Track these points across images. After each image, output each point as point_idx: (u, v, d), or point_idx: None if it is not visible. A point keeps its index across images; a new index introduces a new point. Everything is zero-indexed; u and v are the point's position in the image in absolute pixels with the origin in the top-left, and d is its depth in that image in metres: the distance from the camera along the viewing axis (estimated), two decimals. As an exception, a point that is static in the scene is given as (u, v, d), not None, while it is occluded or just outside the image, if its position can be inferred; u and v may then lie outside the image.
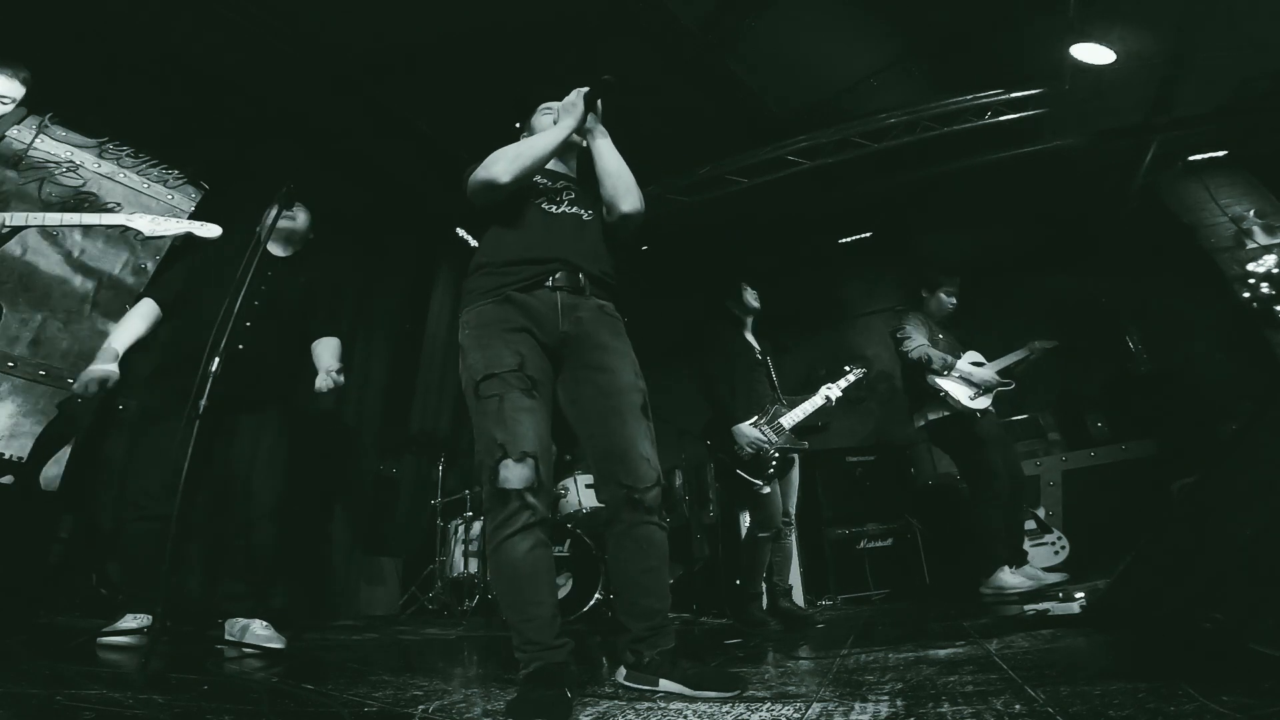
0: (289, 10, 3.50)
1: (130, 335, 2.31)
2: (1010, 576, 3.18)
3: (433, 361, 5.30)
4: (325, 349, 2.49)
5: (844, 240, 6.07)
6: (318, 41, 3.71)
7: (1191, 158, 4.53)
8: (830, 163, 4.74)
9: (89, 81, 3.34)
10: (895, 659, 1.66)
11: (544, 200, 1.70)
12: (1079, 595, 2.06)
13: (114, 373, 2.20)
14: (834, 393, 3.17)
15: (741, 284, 3.36)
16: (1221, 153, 4.47)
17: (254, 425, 2.31)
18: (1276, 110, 3.97)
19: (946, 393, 3.43)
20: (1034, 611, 2.11)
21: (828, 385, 3.19)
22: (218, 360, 1.81)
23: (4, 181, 2.13)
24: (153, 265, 3.56)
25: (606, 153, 1.73)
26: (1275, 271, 4.05)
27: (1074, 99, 4.09)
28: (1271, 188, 4.36)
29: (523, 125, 1.91)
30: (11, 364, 3.01)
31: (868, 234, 5.99)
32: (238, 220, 2.54)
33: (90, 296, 3.34)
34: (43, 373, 3.10)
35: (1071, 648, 1.57)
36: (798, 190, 5.07)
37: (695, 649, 2.33)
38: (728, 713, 1.18)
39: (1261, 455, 1.08)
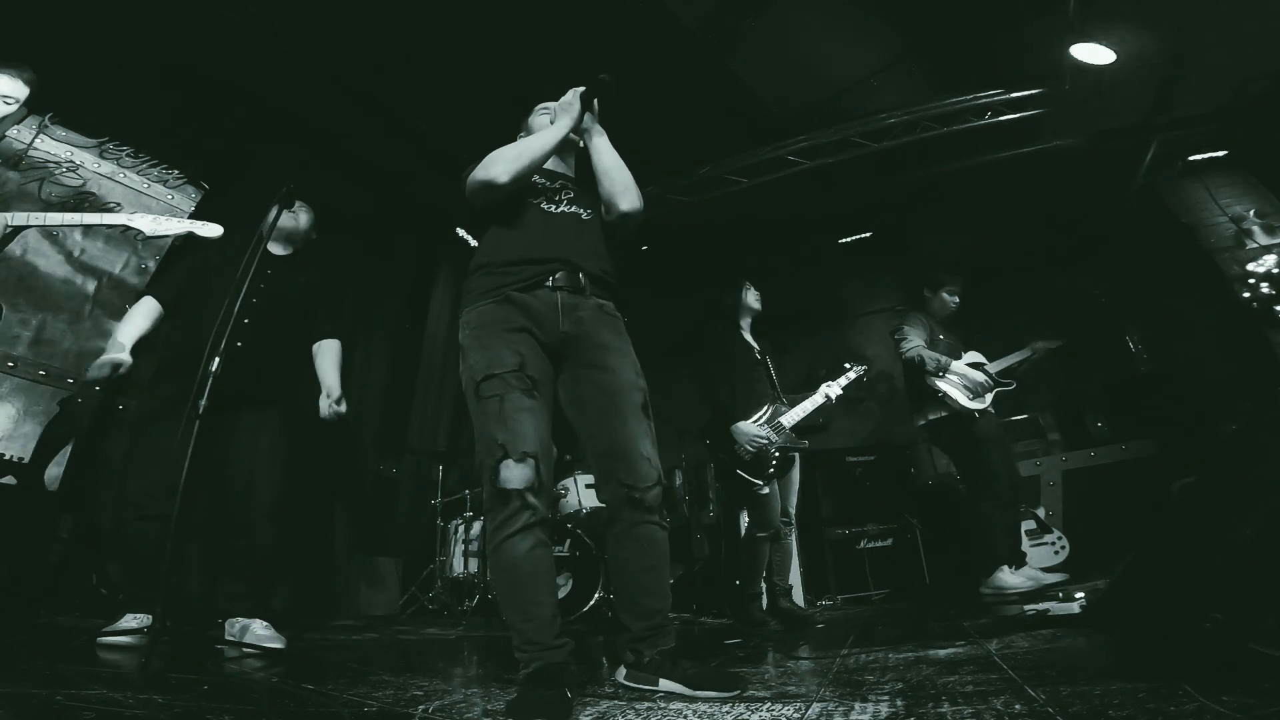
0: (289, 10, 3.50)
1: (135, 331, 2.32)
2: (1010, 576, 3.19)
3: (433, 362, 5.30)
4: (327, 356, 2.50)
5: (844, 240, 6.07)
6: (318, 41, 3.71)
7: (1191, 158, 4.52)
8: (830, 163, 4.74)
9: (89, 81, 3.35)
10: (895, 659, 1.66)
11: (543, 200, 1.70)
12: (1079, 595, 2.06)
13: (126, 359, 2.22)
14: (834, 391, 3.17)
15: (743, 284, 3.36)
16: (1221, 153, 4.47)
17: (253, 424, 2.31)
18: (1276, 110, 3.97)
19: (945, 393, 3.44)
20: (1034, 611, 2.11)
21: (828, 383, 3.19)
22: (218, 360, 1.80)
23: (6, 182, 2.12)
24: (154, 264, 3.57)
25: (604, 151, 1.73)
26: (1275, 271, 4.05)
27: (1074, 99, 4.09)
28: (1271, 188, 4.35)
29: (521, 125, 1.91)
30: (11, 364, 3.01)
31: (868, 234, 5.99)
32: (238, 220, 2.54)
33: (91, 296, 3.34)
34: (43, 373, 3.10)
35: (1071, 648, 1.57)
36: (798, 190, 5.07)
37: (695, 649, 2.33)
38: (728, 713, 1.18)
39: (1261, 455, 1.08)
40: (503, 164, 1.60)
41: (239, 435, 2.28)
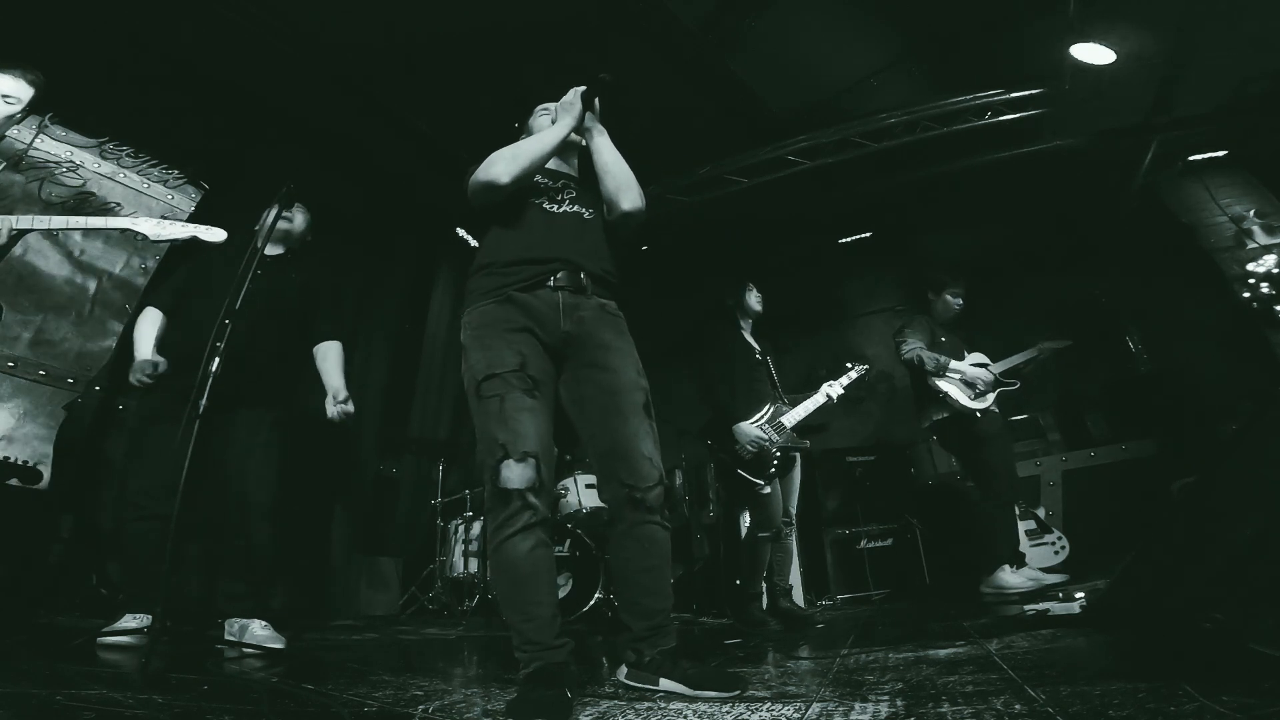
0: (289, 10, 3.50)
1: (150, 342, 2.36)
2: (1011, 576, 3.19)
3: (433, 361, 5.30)
4: (329, 358, 2.50)
5: (844, 240, 6.07)
6: (318, 41, 3.71)
7: (1191, 158, 4.52)
8: (830, 163, 4.74)
9: (89, 81, 3.34)
10: (895, 659, 1.66)
11: (545, 200, 1.70)
12: (1079, 595, 2.06)
13: (159, 359, 2.27)
14: (835, 390, 3.17)
15: (745, 285, 3.36)
16: (1221, 153, 4.47)
17: (251, 424, 2.31)
18: (1276, 110, 3.97)
19: (945, 394, 3.44)
20: (1034, 611, 2.11)
21: (829, 383, 3.19)
22: (218, 360, 1.80)
23: (11, 185, 2.11)
24: (154, 265, 3.56)
25: (605, 150, 1.73)
26: (1275, 271, 4.05)
27: (1074, 99, 4.09)
28: (1271, 188, 4.35)
29: (521, 125, 1.91)
30: (12, 364, 3.01)
31: (868, 234, 5.99)
32: (238, 220, 2.54)
33: (91, 296, 3.34)
34: (43, 373, 3.09)
35: (1071, 648, 1.57)
36: (798, 190, 5.07)
37: (695, 649, 2.33)
38: (728, 713, 1.18)
39: (1261, 455, 1.08)
40: (504, 164, 1.60)
41: (237, 435, 2.28)
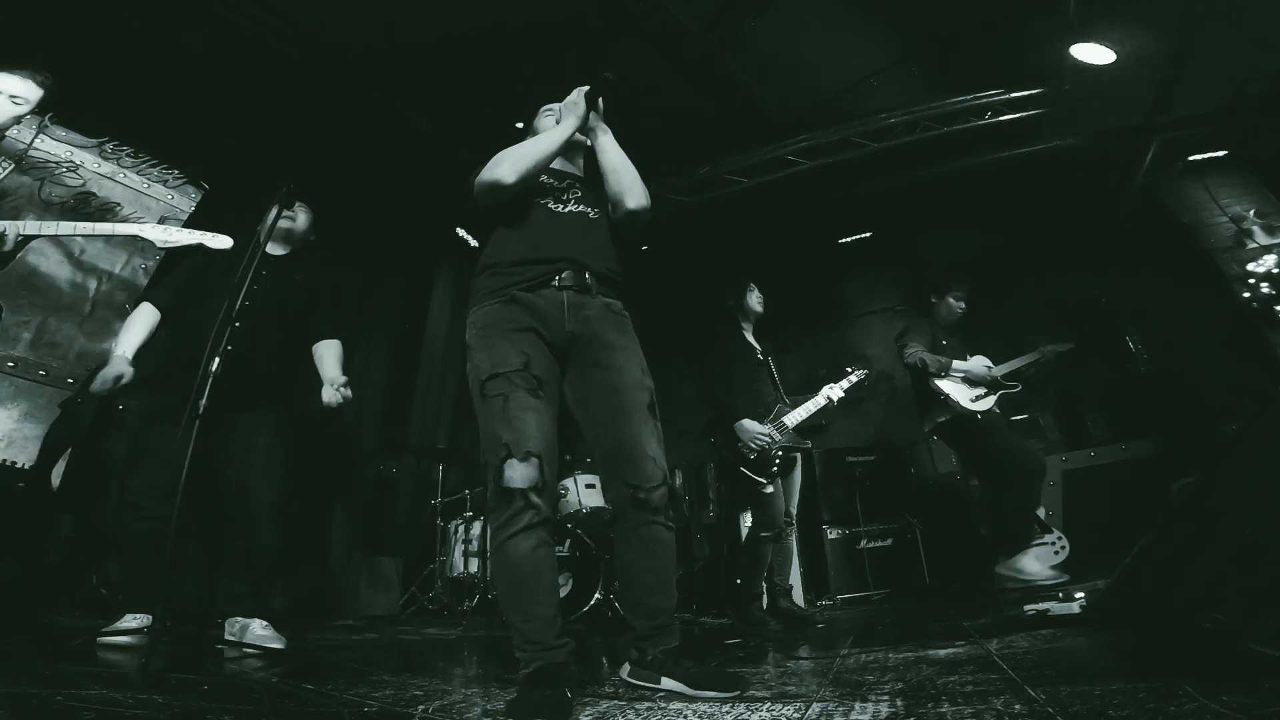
0: (289, 10, 3.50)
1: (136, 339, 2.32)
2: (1032, 563, 3.11)
3: (433, 361, 5.30)
4: (328, 355, 2.49)
5: (844, 240, 6.07)
6: (318, 41, 3.71)
7: (1191, 158, 4.52)
8: (830, 163, 4.74)
9: (89, 81, 3.34)
10: (895, 659, 1.66)
11: (550, 200, 1.70)
12: (1079, 595, 2.05)
13: (128, 370, 2.22)
14: (835, 393, 3.17)
15: (746, 285, 3.36)
16: (1221, 153, 4.47)
17: (251, 424, 2.30)
18: (1276, 110, 3.97)
19: (946, 395, 3.43)
20: (1034, 611, 2.11)
21: (829, 385, 3.20)
22: (218, 360, 1.80)
23: (19, 187, 2.10)
24: (153, 265, 3.56)
25: (610, 149, 1.73)
26: (1275, 271, 4.05)
27: (1074, 99, 4.09)
28: (1271, 188, 4.35)
29: (526, 125, 1.92)
30: (12, 364, 3.01)
31: (868, 234, 5.99)
32: (239, 220, 2.54)
33: (91, 296, 3.34)
34: (43, 373, 3.09)
35: (1071, 648, 1.57)
36: (798, 190, 5.07)
37: (695, 649, 2.33)
38: (728, 713, 1.18)
39: (1261, 455, 1.08)
40: (509, 164, 1.60)
41: (238, 435, 2.28)
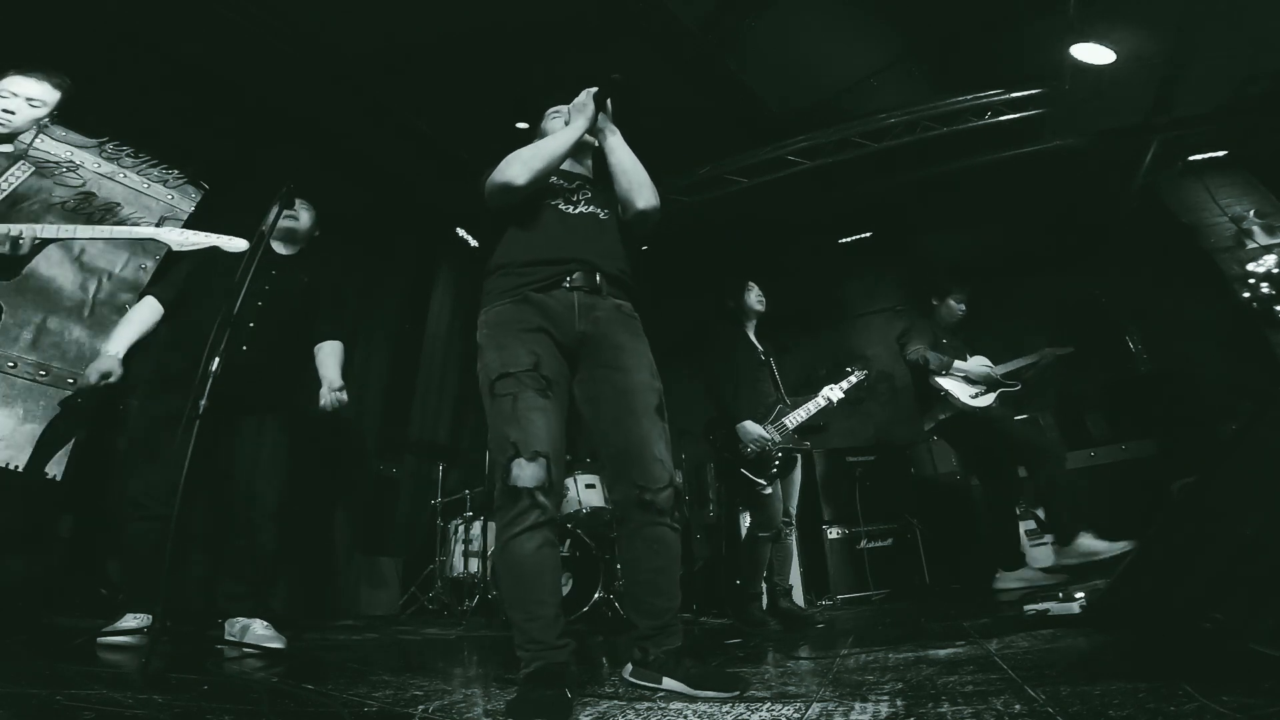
0: (290, 11, 3.50)
1: (131, 334, 2.31)
2: (1095, 541, 2.99)
3: (433, 361, 5.29)
4: (328, 356, 2.49)
5: (844, 240, 6.07)
6: (318, 41, 3.71)
7: (1191, 158, 4.52)
8: (830, 163, 4.74)
9: (89, 81, 3.34)
10: (895, 659, 1.66)
11: (560, 201, 1.71)
12: (1079, 595, 2.05)
13: (115, 368, 2.21)
14: (835, 394, 3.17)
15: (747, 285, 3.36)
16: (1221, 153, 4.47)
17: (255, 426, 2.31)
18: (1276, 110, 3.97)
19: (947, 392, 3.43)
20: (1034, 611, 2.11)
21: (829, 387, 3.19)
22: (218, 360, 1.80)
23: (38, 190, 2.08)
24: (153, 265, 3.56)
25: (620, 150, 1.74)
26: (1275, 271, 4.05)
27: (1074, 99, 4.09)
28: (1271, 188, 4.35)
29: (531, 126, 1.92)
30: (12, 364, 3.01)
31: (868, 234, 5.99)
32: (240, 220, 2.54)
33: (92, 296, 3.34)
34: (43, 373, 3.09)
35: (1071, 648, 1.57)
36: (798, 190, 5.07)
37: (695, 649, 2.33)
38: (728, 713, 1.18)
39: (1261, 455, 1.08)
40: (520, 165, 1.61)
41: (242, 436, 2.28)
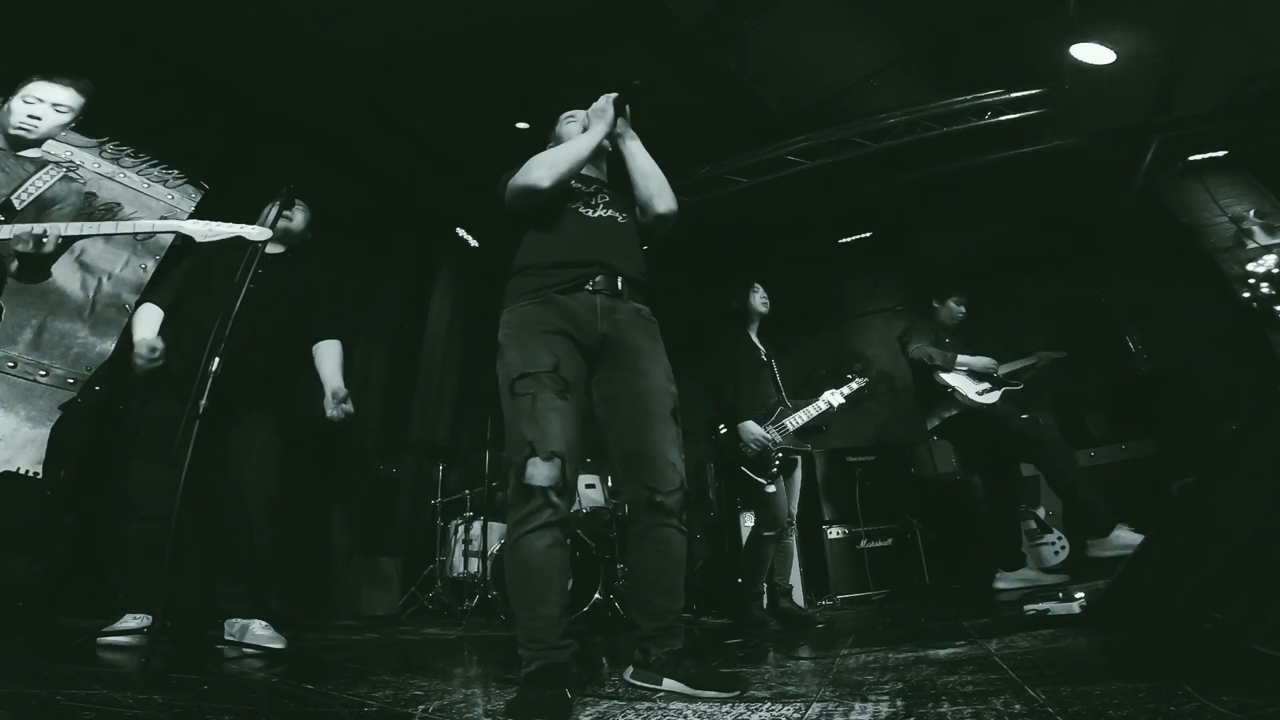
0: (289, 10, 3.50)
1: (152, 321, 2.32)
2: (1132, 534, 2.90)
3: (433, 361, 5.29)
4: (327, 356, 2.49)
5: (844, 240, 6.07)
6: (318, 41, 3.71)
7: (1191, 158, 4.52)
8: (830, 163, 4.74)
9: (88, 81, 3.34)
10: (895, 659, 1.66)
11: (580, 204, 1.72)
12: (1079, 595, 2.05)
13: (158, 343, 2.22)
14: (836, 399, 3.16)
15: (751, 285, 3.36)
16: (1221, 153, 4.47)
17: (249, 423, 2.30)
18: (1276, 110, 3.97)
19: (954, 389, 3.42)
20: (1034, 611, 2.11)
21: (831, 391, 3.18)
22: (218, 360, 1.80)
23: (68, 194, 2.08)
24: (153, 265, 3.56)
25: (639, 155, 1.76)
26: (1275, 271, 4.05)
27: (1074, 99, 4.09)
28: (1271, 188, 4.35)
29: (532, 126, 1.93)
30: (12, 365, 3.01)
31: (868, 234, 5.99)
32: (239, 220, 2.53)
33: (92, 297, 3.33)
34: (43, 374, 3.09)
35: (1071, 648, 1.57)
36: (798, 190, 5.07)
37: (695, 649, 2.33)
38: (728, 713, 1.18)
39: (1261, 455, 1.08)
40: (545, 168, 1.63)
41: (237, 435, 2.28)
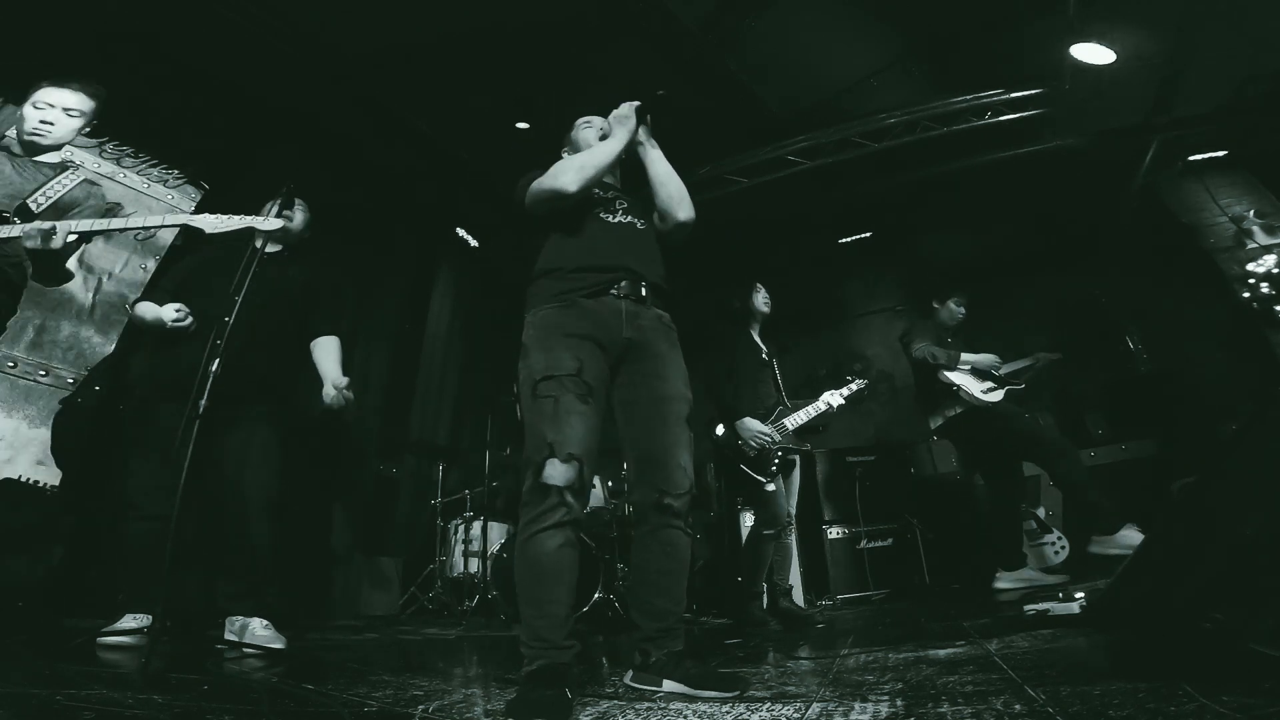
0: (289, 10, 3.50)
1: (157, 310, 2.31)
2: (1138, 534, 2.88)
3: (433, 361, 5.29)
4: (326, 352, 2.49)
5: (844, 240, 6.07)
6: (318, 41, 3.71)
7: (1191, 158, 4.52)
8: (830, 163, 4.74)
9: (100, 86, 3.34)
10: (895, 659, 1.66)
11: (601, 210, 1.74)
12: (1079, 595, 2.05)
13: (179, 310, 2.23)
14: (836, 400, 3.16)
15: (753, 285, 3.36)
16: (1221, 153, 4.47)
17: (247, 422, 2.30)
18: (1276, 110, 3.97)
19: (959, 387, 3.41)
20: (1034, 611, 2.11)
21: (830, 392, 3.18)
22: (218, 360, 1.80)
23: (89, 196, 2.08)
24: (153, 265, 3.56)
25: (660, 162, 1.78)
26: (1275, 271, 4.05)
27: (1074, 99, 4.09)
28: (1271, 188, 4.35)
29: (545, 129, 1.94)
30: (12, 365, 3.01)
31: (868, 234, 5.99)
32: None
33: (93, 296, 3.33)
34: (44, 374, 3.09)
35: (1071, 648, 1.57)
36: (798, 190, 5.07)
37: (695, 649, 2.33)
38: (728, 713, 1.18)
39: (1261, 455, 1.08)
40: (571, 173, 1.64)
41: (235, 434, 2.27)
